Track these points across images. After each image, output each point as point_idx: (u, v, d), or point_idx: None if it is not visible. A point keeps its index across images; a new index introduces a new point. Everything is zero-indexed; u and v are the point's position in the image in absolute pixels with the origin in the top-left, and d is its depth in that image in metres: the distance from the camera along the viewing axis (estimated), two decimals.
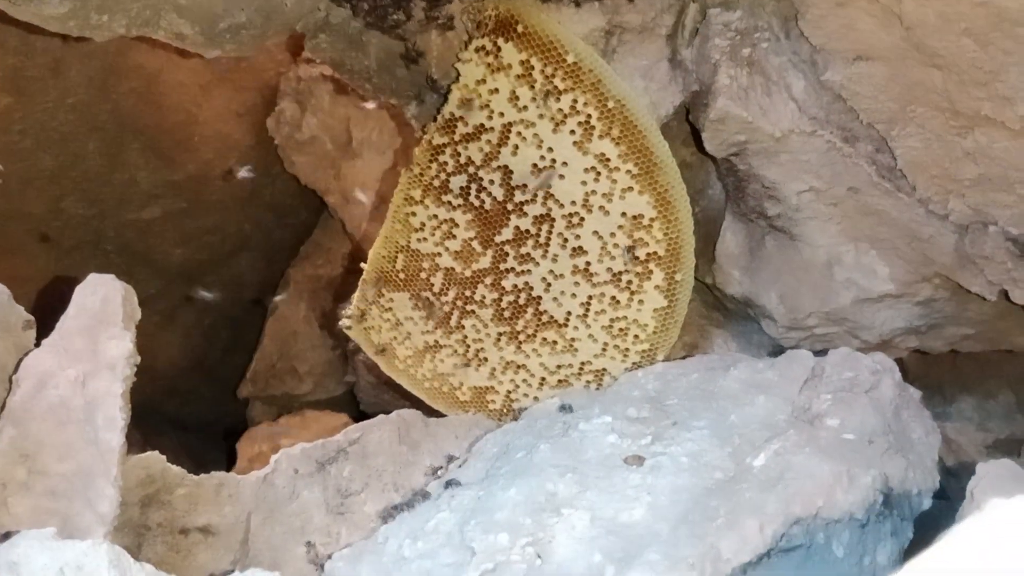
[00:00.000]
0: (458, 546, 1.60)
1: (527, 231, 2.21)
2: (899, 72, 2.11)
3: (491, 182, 2.20)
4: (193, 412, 4.27)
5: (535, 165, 2.15)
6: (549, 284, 2.23)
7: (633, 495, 1.55)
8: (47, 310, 1.79)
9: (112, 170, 3.50)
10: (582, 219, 2.17)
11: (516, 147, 2.15)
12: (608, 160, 2.11)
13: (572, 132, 2.10)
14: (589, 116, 2.08)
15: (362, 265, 2.42)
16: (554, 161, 2.14)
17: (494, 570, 1.52)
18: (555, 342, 2.27)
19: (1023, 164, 2.05)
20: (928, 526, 1.75)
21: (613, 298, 2.20)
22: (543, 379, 2.30)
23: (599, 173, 2.12)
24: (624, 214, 2.14)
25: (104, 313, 1.64)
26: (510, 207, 2.20)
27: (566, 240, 2.19)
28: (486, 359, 2.34)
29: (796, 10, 2.16)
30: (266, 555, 2.03)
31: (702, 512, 1.49)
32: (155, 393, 3.81)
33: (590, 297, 2.21)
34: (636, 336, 2.21)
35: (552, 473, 1.64)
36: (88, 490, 1.56)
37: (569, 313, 2.24)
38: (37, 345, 1.78)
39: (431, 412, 2.42)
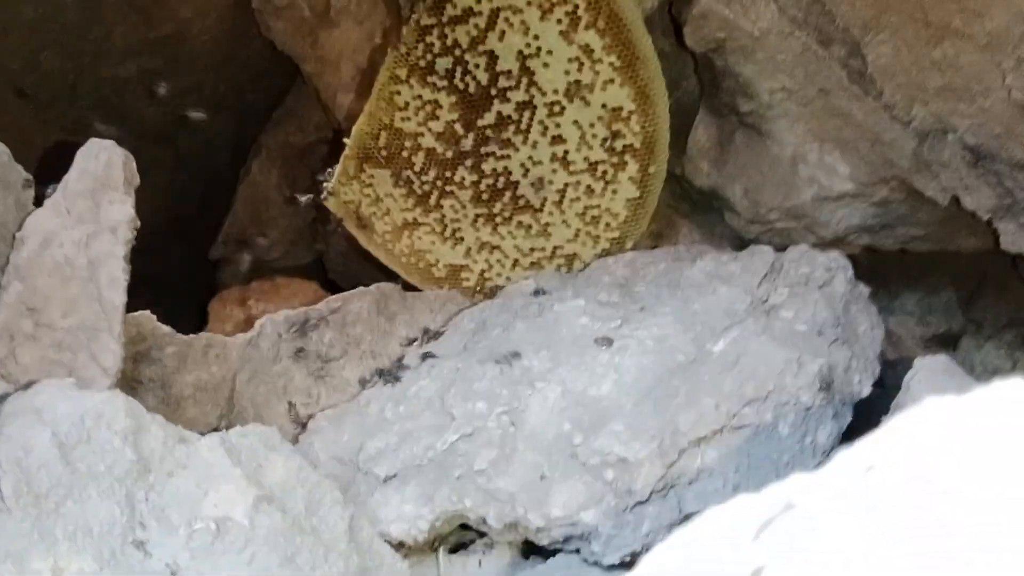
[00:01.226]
0: (438, 411, 1.74)
1: (509, 117, 2.28)
2: None
3: (476, 66, 2.25)
4: (164, 271, 4.32)
5: (520, 52, 2.21)
6: (527, 170, 2.32)
7: (602, 372, 1.69)
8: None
9: (90, 24, 3.46)
10: (563, 108, 2.24)
11: (503, 32, 2.20)
12: (592, 51, 2.17)
13: (559, 21, 2.16)
14: (576, 6, 2.14)
15: (344, 140, 2.47)
16: (539, 49, 2.20)
17: (472, 435, 1.66)
18: (530, 226, 2.37)
19: (985, 77, 2.15)
20: (866, 411, 1.92)
21: (588, 187, 2.30)
22: (516, 260, 2.41)
23: (582, 64, 2.19)
24: (604, 105, 2.22)
25: (106, 177, 1.71)
26: (493, 92, 2.27)
27: (546, 128, 2.27)
28: (462, 238, 2.44)
29: None
30: (250, 412, 2.16)
31: (664, 390, 1.64)
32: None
33: (566, 184, 2.31)
34: (607, 224, 2.32)
35: (528, 349, 1.77)
36: (92, 344, 1.66)
37: (545, 199, 2.34)
38: (37, 204, 1.85)
39: (406, 286, 2.52)
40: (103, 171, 1.71)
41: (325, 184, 2.52)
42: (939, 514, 0.66)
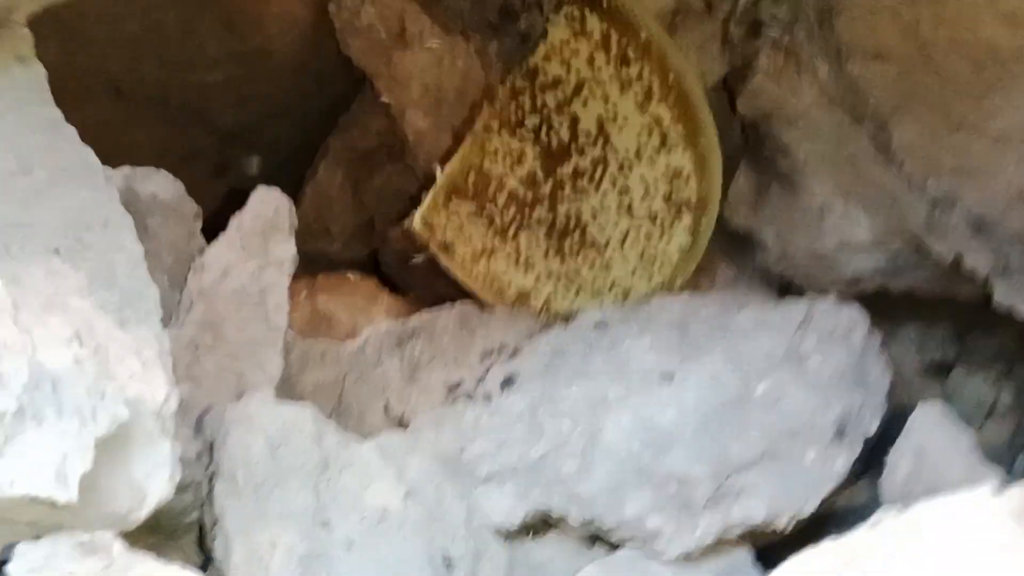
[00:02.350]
0: (529, 424, 2.15)
1: (584, 169, 2.68)
2: (908, 74, 2.56)
3: (560, 125, 2.65)
4: None
5: (600, 116, 2.61)
6: (596, 214, 2.72)
7: (665, 402, 2.09)
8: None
9: (186, 37, 3.83)
10: (632, 165, 2.64)
11: (586, 100, 2.60)
12: (662, 121, 2.57)
13: (636, 95, 2.55)
14: (652, 84, 2.53)
15: (437, 172, 2.86)
16: (616, 115, 2.59)
17: (559, 447, 2.07)
18: (594, 261, 2.78)
19: (992, 165, 2.54)
20: (873, 443, 2.34)
21: (647, 232, 2.70)
22: (579, 288, 2.82)
23: (652, 131, 2.59)
24: (667, 166, 2.62)
25: (275, 221, 2.11)
26: (573, 148, 2.66)
27: (616, 181, 2.67)
28: (534, 267, 2.84)
29: (832, 7, 2.59)
30: (355, 408, 2.56)
31: (717, 422, 2.05)
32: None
33: (629, 229, 2.71)
34: (661, 264, 2.73)
35: (604, 379, 2.17)
36: (259, 355, 2.06)
37: (609, 239, 2.74)
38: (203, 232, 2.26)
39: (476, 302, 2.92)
40: (272, 215, 2.11)
41: (414, 212, 2.92)
42: None
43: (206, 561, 1.71)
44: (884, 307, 3.69)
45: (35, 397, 1.15)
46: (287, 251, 2.10)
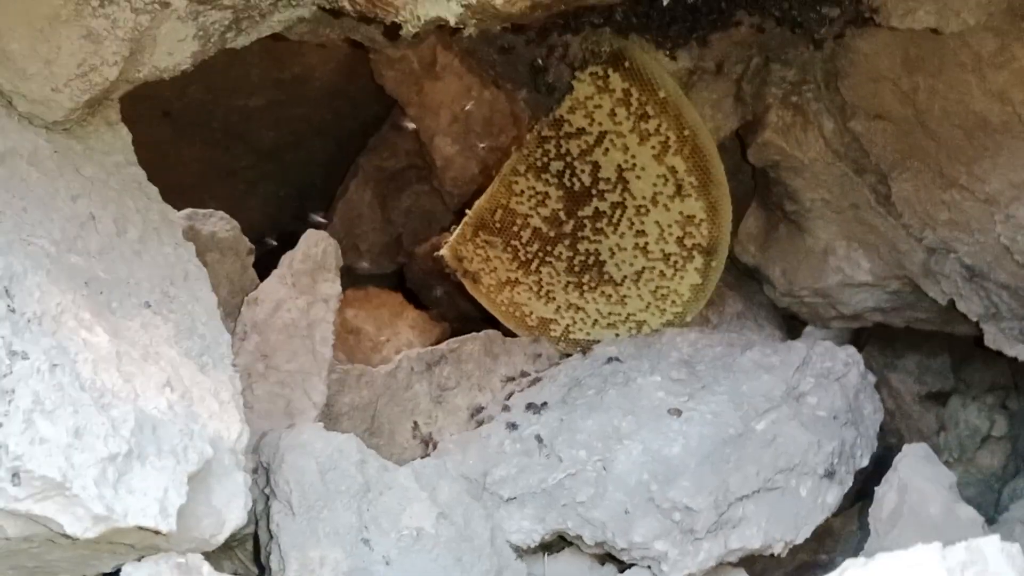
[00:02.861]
0: (548, 453, 2.36)
1: (604, 212, 2.89)
2: (905, 135, 2.77)
3: (582, 171, 2.86)
4: (266, 272, 4.97)
5: (619, 165, 2.82)
6: (613, 253, 2.93)
7: (673, 437, 2.31)
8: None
9: (232, 65, 4.07)
10: (648, 210, 2.85)
11: (607, 150, 2.81)
12: (677, 172, 2.78)
13: (653, 147, 2.76)
14: (668, 138, 2.74)
15: (466, 211, 3.08)
16: (635, 164, 2.80)
17: (575, 474, 2.29)
18: (610, 295, 2.99)
19: (981, 222, 2.73)
20: (864, 477, 2.55)
21: (661, 271, 2.91)
22: (596, 320, 3.03)
23: (667, 180, 2.79)
24: (681, 212, 2.83)
25: (323, 261, 2.33)
26: (594, 192, 2.87)
27: (632, 223, 2.88)
28: (554, 298, 3.05)
29: (838, 72, 2.79)
30: (386, 427, 2.78)
31: (719, 456, 2.26)
32: None
33: (644, 267, 2.92)
34: (673, 301, 2.94)
35: (617, 413, 2.39)
36: (306, 384, 2.29)
37: (625, 276, 2.95)
38: (255, 266, 2.48)
39: (501, 328, 3.15)
40: (321, 256, 2.34)
41: (444, 243, 3.15)
42: None
43: (261, 572, 1.93)
44: (885, 338, 3.90)
45: (140, 439, 1.37)
46: (333, 289, 2.32)
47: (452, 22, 1.76)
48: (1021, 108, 2.43)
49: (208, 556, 1.62)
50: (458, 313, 3.87)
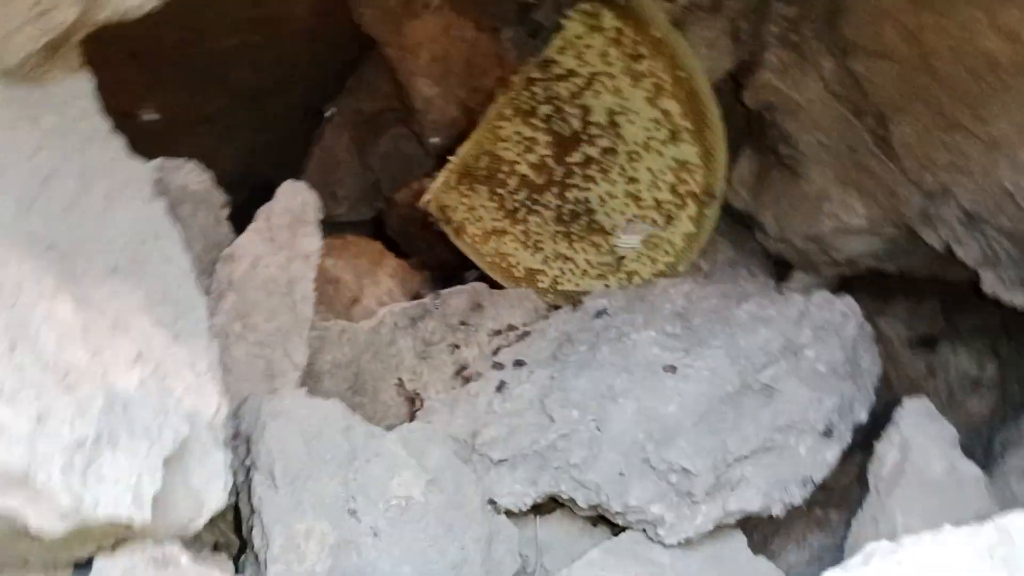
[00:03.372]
0: (539, 412, 2.28)
1: (594, 158, 2.78)
2: (908, 75, 2.66)
3: (572, 115, 2.74)
4: (243, 220, 4.82)
5: (611, 109, 2.70)
6: (604, 201, 2.83)
7: (669, 395, 2.22)
8: None
9: (207, 6, 3.88)
10: (640, 156, 2.74)
11: (598, 92, 2.68)
12: (671, 115, 2.66)
13: (646, 90, 2.64)
14: (662, 80, 2.62)
15: (449, 157, 2.96)
16: (627, 108, 2.68)
17: (568, 435, 2.20)
18: (600, 245, 2.89)
19: (984, 165, 2.64)
20: (862, 432, 2.49)
21: (653, 220, 2.81)
22: (585, 271, 2.94)
23: (660, 124, 2.68)
24: (675, 158, 2.72)
25: (302, 214, 2.21)
26: (584, 137, 2.76)
27: (624, 170, 2.77)
28: (542, 248, 2.95)
29: (839, 8, 2.67)
30: (370, 385, 2.69)
31: (716, 415, 2.18)
32: None
33: (635, 216, 2.82)
34: (666, 251, 2.84)
35: (611, 370, 2.30)
36: (287, 344, 2.18)
37: (616, 225, 2.85)
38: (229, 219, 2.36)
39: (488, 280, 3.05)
40: (300, 208, 2.21)
41: (427, 191, 3.02)
42: None
43: (242, 546, 1.84)
44: (876, 283, 3.82)
45: (110, 421, 1.26)
46: (313, 244, 2.20)
47: None
48: None
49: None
50: (439, 261, 3.76)
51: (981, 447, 3.55)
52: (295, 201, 2.19)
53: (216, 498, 1.43)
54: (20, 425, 1.15)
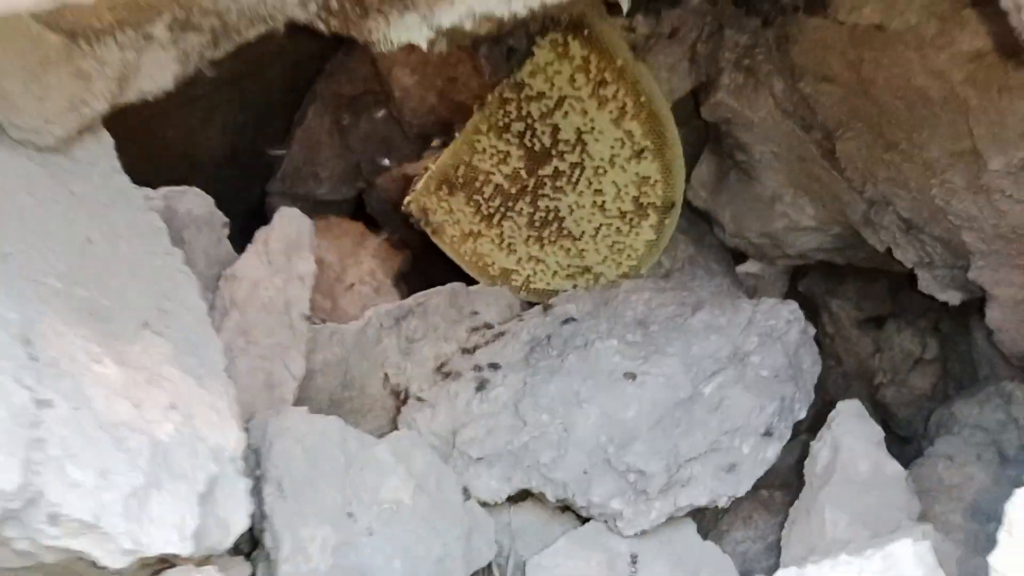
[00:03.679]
0: (513, 415, 2.55)
1: (563, 171, 3.01)
2: (850, 98, 2.90)
3: (543, 132, 2.96)
4: (224, 201, 5.01)
5: (579, 128, 2.92)
6: (572, 210, 3.07)
7: (628, 401, 2.50)
8: None
9: None
10: (606, 171, 2.98)
11: (567, 113, 2.91)
12: (633, 135, 2.90)
13: (611, 112, 2.87)
14: (625, 103, 2.85)
15: (430, 165, 3.18)
16: (593, 128, 2.91)
17: (538, 437, 2.48)
18: (569, 249, 3.14)
19: (919, 182, 2.90)
20: (801, 428, 2.78)
21: (617, 228, 3.06)
22: (555, 272, 3.19)
23: (624, 143, 2.92)
24: (637, 174, 2.96)
25: (298, 240, 2.44)
26: (554, 152, 2.99)
27: (591, 183, 3.01)
28: (515, 251, 3.19)
29: (788, 37, 2.90)
30: (358, 381, 2.94)
31: (670, 420, 2.46)
32: (195, 182, 4.54)
33: (601, 224, 3.07)
34: (629, 255, 3.10)
35: (577, 377, 2.57)
36: (285, 357, 2.42)
37: (583, 232, 3.09)
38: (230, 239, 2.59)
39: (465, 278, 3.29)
40: (296, 235, 2.45)
41: (409, 195, 3.25)
42: None
43: (254, 547, 2.11)
44: (828, 268, 4.11)
45: (154, 468, 1.51)
46: (308, 267, 2.44)
47: (424, 46, 1.85)
48: (959, 87, 2.57)
49: None
50: (420, 241, 3.98)
51: (922, 421, 3.87)
52: (291, 228, 2.42)
53: (240, 522, 1.68)
54: (87, 480, 1.39)
